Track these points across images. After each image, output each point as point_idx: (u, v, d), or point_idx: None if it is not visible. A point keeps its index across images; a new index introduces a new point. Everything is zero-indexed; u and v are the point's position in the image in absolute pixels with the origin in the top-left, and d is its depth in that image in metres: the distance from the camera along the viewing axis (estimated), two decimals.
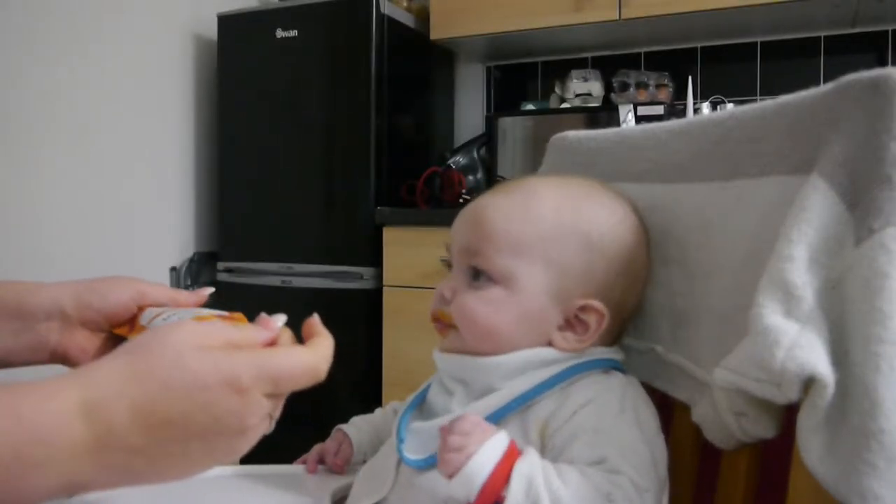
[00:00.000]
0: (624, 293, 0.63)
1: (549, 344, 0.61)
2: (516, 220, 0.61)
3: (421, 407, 0.66)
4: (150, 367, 0.39)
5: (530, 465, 0.50)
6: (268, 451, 0.65)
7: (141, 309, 0.58)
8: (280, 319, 0.49)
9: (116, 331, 0.58)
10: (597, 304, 0.60)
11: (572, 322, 0.61)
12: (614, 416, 0.56)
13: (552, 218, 0.61)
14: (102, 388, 0.38)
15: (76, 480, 0.38)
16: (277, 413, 0.45)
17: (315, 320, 0.50)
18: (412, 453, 0.59)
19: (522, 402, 0.57)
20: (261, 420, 0.43)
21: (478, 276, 0.61)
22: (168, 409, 0.39)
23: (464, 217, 0.66)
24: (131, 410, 0.38)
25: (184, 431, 0.39)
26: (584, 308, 0.60)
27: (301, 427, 1.11)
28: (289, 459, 0.78)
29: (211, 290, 0.61)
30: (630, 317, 0.67)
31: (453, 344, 0.63)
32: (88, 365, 0.40)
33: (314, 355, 0.46)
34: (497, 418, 0.56)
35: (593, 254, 0.61)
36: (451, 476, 0.50)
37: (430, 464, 0.57)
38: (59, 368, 0.57)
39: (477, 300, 0.61)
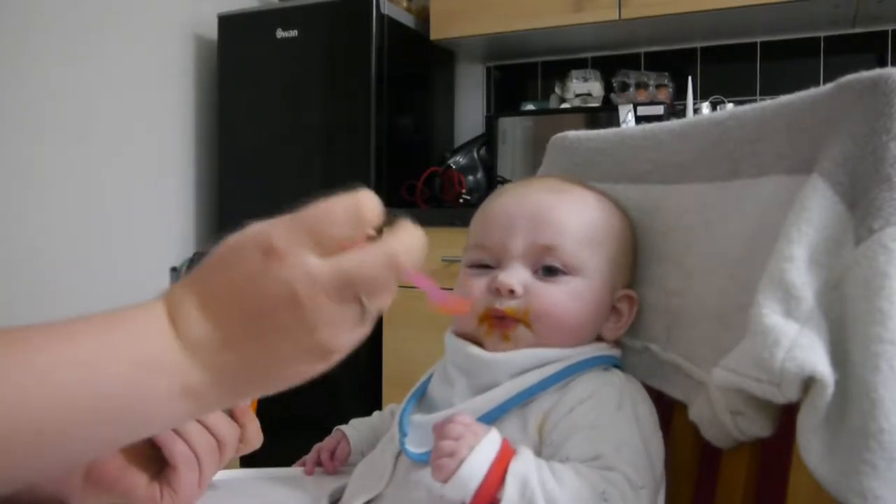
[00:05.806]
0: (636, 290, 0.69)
1: (599, 336, 0.65)
2: (587, 217, 0.65)
3: (422, 400, 0.66)
4: (203, 265, 0.40)
5: (525, 465, 0.50)
6: (267, 452, 0.65)
7: None
8: None
9: None
10: (631, 291, 0.67)
11: (610, 312, 0.66)
12: (612, 412, 0.56)
13: (608, 218, 0.67)
14: (176, 295, 0.39)
15: (191, 387, 0.37)
16: (372, 309, 0.38)
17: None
18: (414, 447, 0.59)
19: (524, 398, 0.58)
20: (321, 302, 0.36)
21: (551, 271, 0.62)
22: (216, 287, 0.38)
23: (515, 215, 0.64)
24: (198, 305, 0.38)
25: (240, 309, 0.38)
26: (620, 297, 0.66)
27: (300, 427, 1.11)
28: (289, 460, 0.78)
29: None
30: None
31: (526, 340, 0.61)
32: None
33: (388, 241, 0.39)
34: (499, 413, 0.57)
35: (628, 255, 0.68)
36: (445, 481, 0.50)
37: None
38: None
39: (564, 294, 0.62)
